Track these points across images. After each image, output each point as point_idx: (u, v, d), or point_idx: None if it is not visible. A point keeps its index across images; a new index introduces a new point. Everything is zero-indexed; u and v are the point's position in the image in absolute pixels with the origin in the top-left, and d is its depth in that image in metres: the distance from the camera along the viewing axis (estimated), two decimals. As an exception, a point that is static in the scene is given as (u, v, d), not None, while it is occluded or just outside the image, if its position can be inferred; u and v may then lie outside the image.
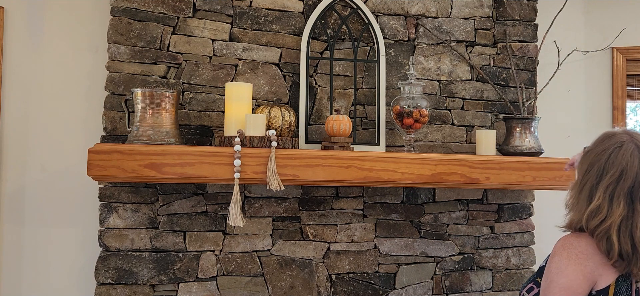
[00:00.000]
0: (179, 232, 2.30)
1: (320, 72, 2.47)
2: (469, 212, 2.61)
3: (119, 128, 2.24)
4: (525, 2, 2.68)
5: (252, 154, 2.06)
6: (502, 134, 2.60)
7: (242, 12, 2.39)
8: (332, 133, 2.25)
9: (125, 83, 2.26)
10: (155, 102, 2.10)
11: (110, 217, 2.24)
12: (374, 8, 2.52)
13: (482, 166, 2.27)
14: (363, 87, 2.52)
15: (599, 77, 2.97)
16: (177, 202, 2.30)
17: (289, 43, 2.44)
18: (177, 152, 2.02)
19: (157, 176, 2.01)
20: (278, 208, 2.40)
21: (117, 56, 2.26)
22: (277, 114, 2.23)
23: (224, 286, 2.33)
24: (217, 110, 2.35)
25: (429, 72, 2.58)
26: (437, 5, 2.59)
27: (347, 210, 2.48)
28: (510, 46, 2.66)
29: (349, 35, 2.49)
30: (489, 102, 2.64)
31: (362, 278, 2.49)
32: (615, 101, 2.94)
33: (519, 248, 2.66)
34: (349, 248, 2.48)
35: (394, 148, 2.51)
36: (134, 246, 2.26)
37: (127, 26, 2.26)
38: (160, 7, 2.30)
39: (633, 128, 1.73)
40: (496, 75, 2.64)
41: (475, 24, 2.64)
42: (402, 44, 2.56)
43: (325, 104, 2.46)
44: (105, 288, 2.22)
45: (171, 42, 2.32)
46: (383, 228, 2.52)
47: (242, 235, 2.36)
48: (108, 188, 2.24)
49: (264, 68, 2.41)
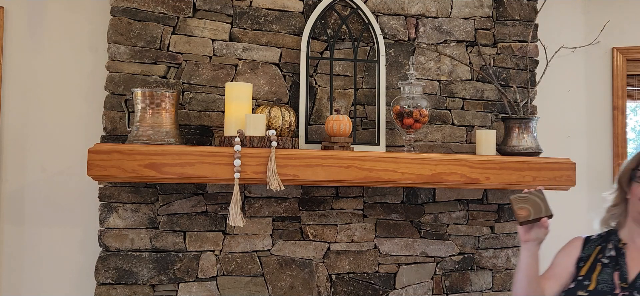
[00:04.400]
0: (179, 232, 2.30)
1: (320, 72, 2.47)
2: (469, 212, 2.61)
3: (119, 128, 2.24)
4: (525, 2, 2.68)
5: (252, 154, 2.06)
6: (501, 134, 2.60)
7: (242, 12, 2.39)
8: (332, 133, 2.25)
9: (125, 83, 2.26)
10: (155, 102, 2.10)
11: (110, 217, 2.24)
12: (374, 8, 2.52)
13: (482, 166, 2.27)
14: (363, 87, 2.52)
15: (599, 77, 2.97)
16: (177, 202, 2.30)
17: (289, 43, 2.44)
18: (177, 152, 2.02)
19: (157, 176, 2.01)
20: (278, 208, 2.40)
21: (117, 56, 2.26)
22: (277, 114, 2.23)
23: (224, 286, 2.33)
24: (217, 110, 2.35)
25: (429, 72, 2.58)
26: (437, 5, 2.59)
27: (347, 210, 2.48)
28: (511, 46, 2.66)
29: (349, 35, 2.49)
30: (489, 102, 2.64)
31: (362, 278, 2.49)
32: (615, 101, 2.94)
33: (519, 248, 2.66)
34: (349, 248, 2.48)
35: (394, 148, 2.51)
36: (134, 246, 2.26)
37: (127, 26, 2.26)
38: (160, 7, 2.30)
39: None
40: (496, 75, 2.64)
41: (475, 24, 2.64)
42: (402, 44, 2.56)
43: (325, 104, 2.46)
44: (105, 288, 2.22)
45: (171, 42, 2.32)
46: (383, 228, 2.51)
47: (242, 235, 2.36)
48: (108, 188, 2.24)
49: (264, 68, 2.41)
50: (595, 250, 1.82)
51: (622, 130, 2.93)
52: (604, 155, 2.93)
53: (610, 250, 1.78)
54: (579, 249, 1.85)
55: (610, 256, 1.77)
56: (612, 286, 1.68)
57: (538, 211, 1.70)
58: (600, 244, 1.83)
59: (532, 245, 1.72)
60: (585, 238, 1.89)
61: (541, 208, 1.70)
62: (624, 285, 1.67)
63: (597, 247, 1.82)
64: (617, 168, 2.81)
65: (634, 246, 1.76)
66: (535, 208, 1.71)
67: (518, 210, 1.72)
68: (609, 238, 1.83)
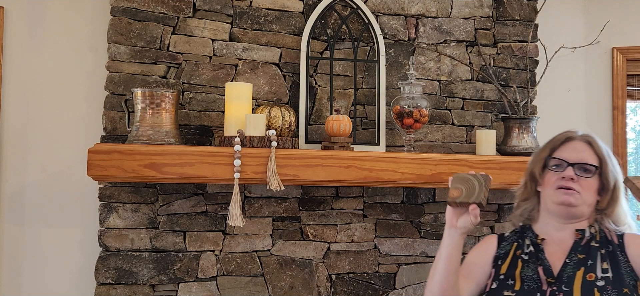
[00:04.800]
0: (179, 232, 2.30)
1: (320, 72, 2.47)
2: (469, 211, 2.61)
3: (119, 128, 2.24)
4: (525, 2, 2.68)
5: (252, 154, 2.06)
6: (501, 134, 2.60)
7: (242, 12, 2.39)
8: (332, 133, 2.25)
9: (125, 83, 2.26)
10: (155, 102, 2.10)
11: (110, 217, 2.24)
12: (374, 8, 2.52)
13: (482, 166, 2.27)
14: (363, 87, 2.52)
15: (599, 77, 2.97)
16: (177, 202, 2.30)
17: (289, 43, 2.44)
18: (177, 152, 2.02)
19: (157, 176, 2.01)
20: (278, 208, 2.40)
21: (117, 56, 2.26)
22: (277, 114, 2.23)
23: (224, 286, 2.33)
24: (217, 110, 2.35)
25: (429, 72, 2.58)
26: (437, 5, 2.59)
27: (347, 210, 2.48)
28: (511, 46, 2.66)
29: (349, 35, 2.49)
30: (489, 102, 2.64)
31: (362, 278, 2.49)
32: (615, 101, 2.94)
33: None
34: (349, 248, 2.48)
35: (394, 148, 2.51)
36: (134, 246, 2.26)
37: (127, 26, 2.26)
38: (160, 7, 2.30)
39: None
40: (496, 75, 2.64)
41: (475, 24, 2.64)
42: (402, 44, 2.56)
43: (325, 104, 2.46)
44: (105, 288, 2.22)
45: (171, 42, 2.32)
46: (383, 228, 2.51)
47: (242, 235, 2.36)
48: (108, 188, 2.24)
49: (264, 68, 2.41)
50: (513, 246, 1.71)
51: (622, 130, 2.93)
52: (604, 155, 2.93)
53: (528, 246, 1.68)
54: (494, 246, 1.74)
55: (529, 252, 1.66)
56: (539, 283, 1.59)
57: (470, 195, 1.52)
58: (516, 240, 1.72)
59: (456, 233, 1.57)
60: (499, 236, 1.78)
61: (475, 193, 1.52)
62: (551, 280, 1.58)
63: (514, 243, 1.72)
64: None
65: (551, 240, 1.66)
66: (469, 191, 1.53)
67: (452, 189, 1.55)
68: (525, 233, 1.72)
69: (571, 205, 1.62)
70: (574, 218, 1.65)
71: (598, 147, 1.68)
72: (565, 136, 1.72)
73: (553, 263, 1.61)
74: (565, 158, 1.65)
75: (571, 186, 1.62)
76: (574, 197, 1.62)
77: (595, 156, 1.66)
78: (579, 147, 1.68)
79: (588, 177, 1.64)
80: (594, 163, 1.65)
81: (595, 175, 1.64)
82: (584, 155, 1.65)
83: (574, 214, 1.64)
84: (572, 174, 1.62)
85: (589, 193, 1.64)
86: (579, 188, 1.62)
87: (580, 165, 1.64)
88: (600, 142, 1.70)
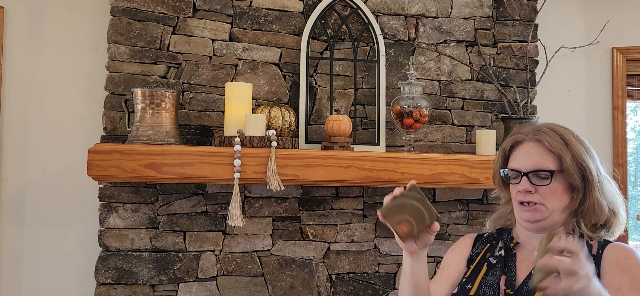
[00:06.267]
0: (179, 232, 2.30)
1: (320, 72, 2.47)
2: (469, 212, 2.61)
3: (119, 128, 2.24)
4: (525, 2, 2.68)
5: (252, 154, 2.06)
6: (501, 134, 2.60)
7: (242, 12, 2.39)
8: (332, 133, 2.25)
9: (125, 83, 2.26)
10: (155, 102, 2.10)
11: (110, 217, 2.24)
12: (374, 8, 2.52)
13: (482, 166, 2.27)
14: (363, 87, 2.52)
15: (598, 77, 2.97)
16: (177, 202, 2.30)
17: (289, 43, 2.44)
18: (177, 152, 2.02)
19: (157, 176, 2.01)
20: (278, 208, 2.40)
21: (117, 56, 2.26)
22: (277, 114, 2.23)
23: (224, 286, 2.33)
24: (217, 110, 2.35)
25: (429, 72, 2.58)
26: (437, 5, 2.59)
27: (347, 210, 2.48)
28: (511, 46, 2.66)
29: (349, 35, 2.49)
30: (489, 102, 2.64)
31: (362, 278, 2.49)
32: (615, 101, 2.94)
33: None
34: (349, 248, 2.48)
35: (394, 148, 2.51)
36: (134, 246, 2.26)
37: (127, 26, 2.26)
38: (160, 7, 2.30)
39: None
40: (496, 75, 2.64)
41: (475, 24, 2.64)
42: (402, 44, 2.56)
43: (325, 104, 2.46)
44: (105, 288, 2.22)
45: (171, 42, 2.32)
46: (383, 228, 2.51)
47: (242, 235, 2.36)
48: (108, 188, 2.24)
49: (264, 68, 2.41)
50: (485, 248, 1.56)
51: (622, 130, 2.93)
52: (604, 155, 2.93)
53: (499, 250, 1.53)
54: (469, 247, 1.60)
55: (499, 256, 1.51)
56: (497, 292, 1.43)
57: (421, 219, 1.38)
58: (490, 242, 1.57)
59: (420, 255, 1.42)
60: (477, 236, 1.63)
61: (424, 213, 1.38)
62: (510, 291, 1.42)
63: (487, 245, 1.57)
64: (618, 168, 2.81)
65: (525, 246, 1.49)
66: (416, 217, 1.38)
67: (396, 226, 1.38)
68: (501, 236, 1.57)
69: (537, 221, 1.43)
70: (545, 230, 1.40)
71: (550, 142, 1.42)
72: (513, 140, 1.50)
73: (519, 273, 1.45)
74: (518, 167, 1.45)
75: (531, 199, 1.42)
76: (539, 212, 1.42)
77: (550, 154, 1.42)
78: (530, 150, 1.45)
79: (547, 184, 1.41)
80: (548, 166, 1.41)
81: (555, 177, 1.41)
82: (535, 159, 1.42)
83: (544, 227, 1.43)
84: (527, 186, 1.41)
85: (555, 199, 1.41)
86: (540, 199, 1.41)
87: (534, 172, 1.42)
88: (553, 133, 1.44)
